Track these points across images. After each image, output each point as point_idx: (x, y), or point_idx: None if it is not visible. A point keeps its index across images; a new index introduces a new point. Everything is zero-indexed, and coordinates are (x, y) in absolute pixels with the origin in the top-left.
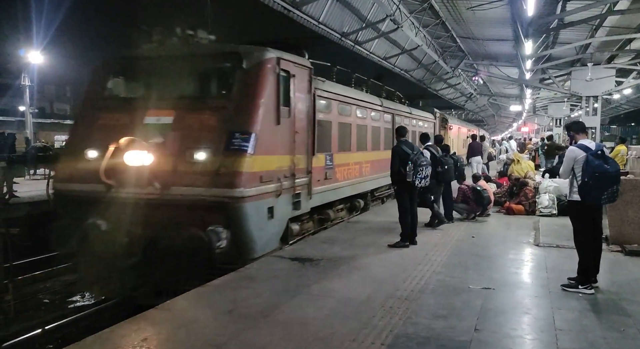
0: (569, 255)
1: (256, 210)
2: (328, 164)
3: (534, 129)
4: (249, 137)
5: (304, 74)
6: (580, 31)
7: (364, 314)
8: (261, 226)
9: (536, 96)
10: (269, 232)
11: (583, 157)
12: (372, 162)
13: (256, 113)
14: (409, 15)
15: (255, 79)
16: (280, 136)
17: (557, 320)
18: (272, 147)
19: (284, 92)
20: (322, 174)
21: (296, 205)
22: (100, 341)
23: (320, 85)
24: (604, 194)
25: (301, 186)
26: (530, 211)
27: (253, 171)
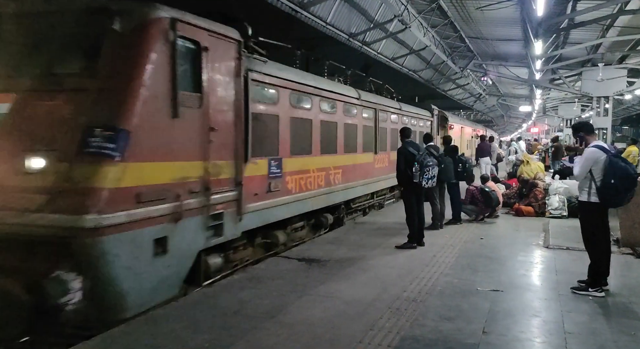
0: (579, 257)
1: (128, 245)
2: (274, 172)
3: (544, 129)
4: (115, 136)
5: (228, 49)
6: (591, 31)
7: (371, 315)
8: (138, 269)
9: (546, 97)
10: (157, 275)
11: (604, 159)
12: (345, 168)
13: (132, 99)
14: (417, 15)
15: (134, 47)
16: (181, 134)
17: (566, 323)
18: (165, 151)
19: (189, 72)
20: (264, 186)
21: (216, 230)
22: (111, 339)
23: (257, 66)
24: (627, 196)
25: (224, 204)
26: (539, 212)
27: (121, 186)
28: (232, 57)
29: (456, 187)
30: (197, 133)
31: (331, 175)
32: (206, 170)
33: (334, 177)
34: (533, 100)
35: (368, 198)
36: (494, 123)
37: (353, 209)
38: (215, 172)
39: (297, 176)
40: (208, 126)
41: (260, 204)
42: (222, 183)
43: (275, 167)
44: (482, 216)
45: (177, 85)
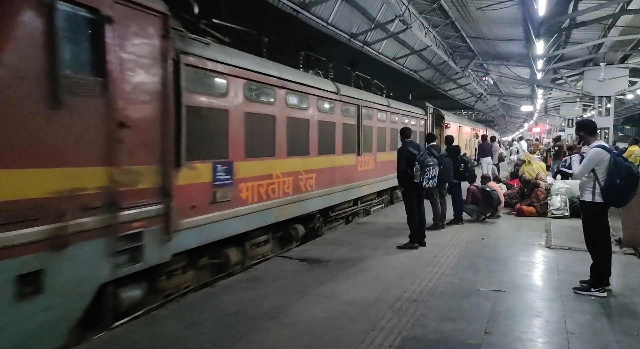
0: (582, 257)
1: None
2: (221, 178)
3: (546, 129)
4: None
5: (147, 24)
6: (592, 31)
7: (372, 316)
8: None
9: (548, 96)
10: (26, 324)
11: (608, 159)
12: (320, 172)
13: None
14: (419, 15)
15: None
16: (68, 131)
17: (568, 323)
18: (37, 153)
19: (82, 49)
20: (206, 196)
21: (130, 255)
22: (112, 340)
23: (196, 49)
24: (630, 196)
25: (144, 221)
26: (541, 212)
27: None
28: (154, 34)
29: (458, 187)
30: (97, 130)
31: (302, 180)
32: (112, 178)
33: (306, 183)
34: (534, 100)
35: (351, 205)
36: (495, 123)
37: (332, 217)
38: (129, 180)
39: (256, 182)
40: (116, 121)
41: (200, 218)
42: (140, 194)
43: (222, 172)
44: (483, 216)
45: (59, 64)
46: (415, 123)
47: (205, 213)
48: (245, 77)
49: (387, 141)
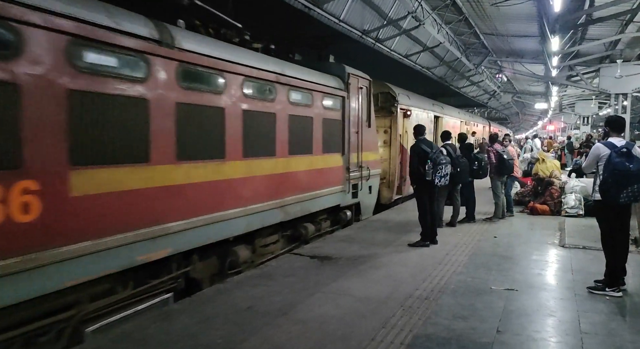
0: (596, 257)
1: None
2: None
3: (560, 127)
4: None
5: None
6: (609, 27)
7: (383, 313)
8: None
9: (563, 94)
10: None
11: (606, 155)
12: (216, 185)
13: None
14: (432, 12)
15: None
16: None
17: (582, 323)
18: None
19: None
20: None
21: None
22: (122, 336)
23: None
24: (622, 193)
25: None
26: (555, 211)
27: None
28: None
29: (471, 185)
30: None
31: (194, 196)
32: None
33: (206, 201)
34: (549, 97)
35: (272, 232)
36: (509, 120)
37: (260, 248)
38: None
39: (103, 203)
40: None
41: None
42: None
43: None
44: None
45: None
46: (327, 104)
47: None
48: None
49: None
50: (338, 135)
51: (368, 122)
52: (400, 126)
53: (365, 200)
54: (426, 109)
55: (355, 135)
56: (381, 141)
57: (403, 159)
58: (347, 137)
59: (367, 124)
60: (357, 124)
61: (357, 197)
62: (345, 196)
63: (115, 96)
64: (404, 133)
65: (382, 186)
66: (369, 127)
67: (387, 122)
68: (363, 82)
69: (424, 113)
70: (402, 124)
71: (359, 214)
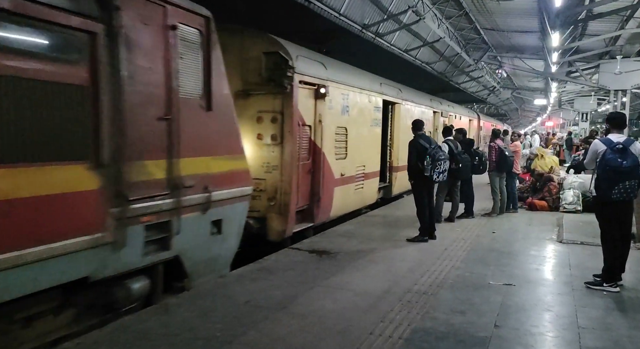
0: (594, 252)
1: None
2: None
3: (559, 123)
4: None
5: None
6: (609, 23)
7: (382, 307)
8: None
9: (562, 90)
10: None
11: (603, 151)
12: None
13: None
14: (432, 6)
15: None
16: None
17: (580, 318)
18: None
19: None
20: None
21: None
22: (121, 329)
23: None
24: (614, 189)
25: None
26: (553, 207)
27: None
28: None
29: (470, 181)
30: None
31: None
32: None
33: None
34: (548, 93)
35: None
36: (508, 116)
37: None
38: None
39: None
40: None
41: None
42: None
43: None
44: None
45: None
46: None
47: None
48: None
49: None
50: (75, 121)
51: (206, 100)
52: (304, 112)
53: (199, 251)
54: (367, 90)
55: (161, 124)
56: (267, 136)
57: (315, 167)
58: (115, 125)
59: (202, 103)
60: (163, 101)
61: (168, 249)
62: (112, 254)
63: None
64: (315, 124)
65: (271, 212)
66: (208, 110)
67: (274, 103)
68: (185, 17)
69: (364, 96)
70: (310, 109)
71: (183, 278)
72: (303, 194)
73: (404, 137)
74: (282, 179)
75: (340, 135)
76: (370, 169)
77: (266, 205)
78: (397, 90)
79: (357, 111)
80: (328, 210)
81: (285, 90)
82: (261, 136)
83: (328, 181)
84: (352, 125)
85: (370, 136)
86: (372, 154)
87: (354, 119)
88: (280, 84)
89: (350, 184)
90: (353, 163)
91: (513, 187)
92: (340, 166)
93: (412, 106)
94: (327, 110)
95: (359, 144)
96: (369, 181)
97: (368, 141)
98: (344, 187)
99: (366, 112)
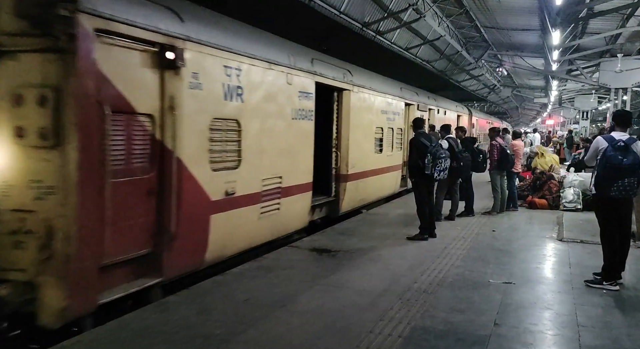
0: (594, 251)
1: None
2: None
3: (559, 121)
4: None
5: None
6: (610, 21)
7: (381, 306)
8: None
9: (562, 88)
10: None
11: (604, 148)
12: None
13: None
14: (432, 4)
15: None
16: None
17: (579, 316)
18: None
19: None
20: None
21: None
22: (120, 327)
23: None
24: (613, 186)
25: None
26: (553, 205)
27: None
28: None
29: (470, 179)
30: None
31: None
32: None
33: None
34: (549, 91)
35: None
36: (508, 114)
37: None
38: None
39: None
40: None
41: None
42: None
43: None
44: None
45: None
46: None
47: None
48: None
49: None
50: None
51: None
52: (131, 90)
53: None
54: (283, 66)
55: None
56: (33, 131)
57: (164, 184)
58: None
59: None
60: None
61: None
62: None
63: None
64: (164, 113)
65: (44, 273)
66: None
67: (45, 70)
68: None
69: (277, 75)
70: (148, 86)
71: None
72: (128, 234)
73: (360, 135)
74: (64, 211)
75: (223, 132)
76: (293, 180)
77: (35, 259)
78: (343, 72)
79: (263, 96)
80: (198, 253)
81: (62, 44)
82: (22, 130)
83: (194, 206)
84: (252, 117)
85: (292, 133)
86: (296, 160)
87: (255, 108)
88: (49, 31)
89: (250, 207)
90: (255, 174)
91: (513, 185)
92: (223, 181)
93: (370, 94)
94: (189, 90)
95: (267, 145)
96: (292, 198)
97: (288, 141)
98: (234, 213)
99: (282, 99)
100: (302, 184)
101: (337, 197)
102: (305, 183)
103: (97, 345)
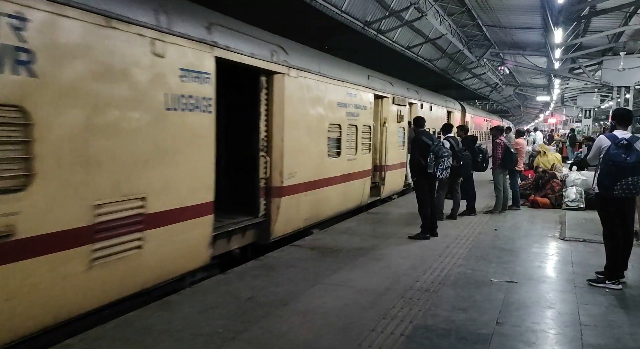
0: (597, 249)
1: None
2: None
3: (562, 120)
4: None
5: None
6: (613, 19)
7: (383, 304)
8: None
9: (565, 86)
10: None
11: (607, 147)
12: None
13: None
14: (434, 3)
15: None
16: None
17: (582, 315)
18: None
19: None
20: None
21: None
22: (124, 325)
23: None
24: (616, 185)
25: None
26: (556, 204)
27: None
28: None
29: (471, 178)
30: None
31: None
32: None
33: None
34: (551, 90)
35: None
36: (511, 113)
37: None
38: None
39: None
40: None
41: None
42: None
43: None
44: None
45: None
46: None
47: None
48: None
49: None
50: None
51: None
52: None
53: None
54: (137, 24)
55: None
56: None
57: None
58: None
59: None
60: None
61: None
62: None
63: None
64: None
65: None
66: None
67: None
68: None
69: (134, 37)
70: None
71: None
72: None
73: (303, 135)
74: None
75: None
76: (171, 201)
77: None
78: (272, 48)
79: (91, 69)
80: None
81: None
82: None
83: None
84: (63, 103)
85: (167, 131)
86: (179, 171)
87: (70, 89)
88: None
89: (61, 253)
90: (73, 197)
91: (515, 184)
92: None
93: (318, 81)
94: None
95: (108, 149)
96: (171, 227)
97: (158, 143)
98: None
99: (143, 78)
100: (193, 205)
101: (267, 217)
102: (198, 204)
103: (101, 343)
